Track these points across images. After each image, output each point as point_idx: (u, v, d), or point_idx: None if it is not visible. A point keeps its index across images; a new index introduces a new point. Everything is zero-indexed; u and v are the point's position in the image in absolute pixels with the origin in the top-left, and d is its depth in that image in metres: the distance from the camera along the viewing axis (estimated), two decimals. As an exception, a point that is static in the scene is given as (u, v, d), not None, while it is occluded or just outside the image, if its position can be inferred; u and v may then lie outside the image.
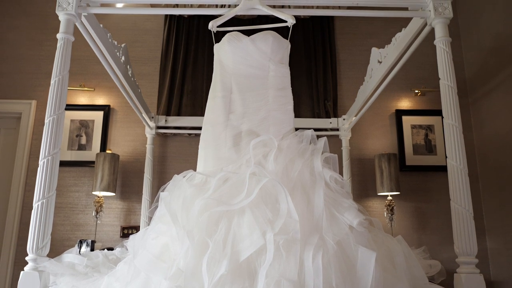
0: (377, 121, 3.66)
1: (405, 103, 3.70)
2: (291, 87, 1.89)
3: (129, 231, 3.31)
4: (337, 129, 3.51)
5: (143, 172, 3.33)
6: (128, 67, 2.61)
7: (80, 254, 1.68)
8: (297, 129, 1.77)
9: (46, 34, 3.70)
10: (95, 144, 3.48)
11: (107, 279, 1.35)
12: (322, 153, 1.57)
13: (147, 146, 3.37)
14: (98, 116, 3.54)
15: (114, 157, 3.23)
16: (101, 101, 3.60)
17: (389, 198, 3.28)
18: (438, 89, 1.77)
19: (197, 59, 3.67)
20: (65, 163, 3.40)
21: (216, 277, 1.11)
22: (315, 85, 3.63)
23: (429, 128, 3.62)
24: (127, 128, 3.56)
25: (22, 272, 1.47)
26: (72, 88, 3.53)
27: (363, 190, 3.50)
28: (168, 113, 3.49)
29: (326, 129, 3.50)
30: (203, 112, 2.04)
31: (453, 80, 1.72)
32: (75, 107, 3.53)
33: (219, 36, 2.04)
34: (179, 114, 3.51)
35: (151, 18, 3.80)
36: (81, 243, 2.95)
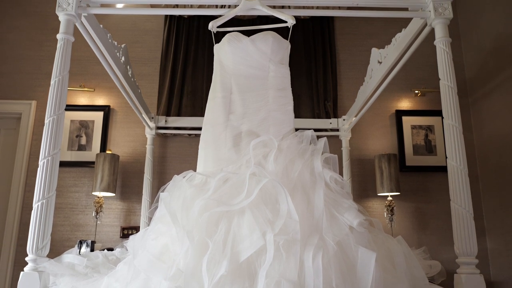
0: (377, 121, 3.66)
1: (405, 104, 3.70)
2: (291, 88, 1.89)
3: (129, 231, 3.31)
4: (337, 130, 3.51)
5: (143, 173, 3.33)
6: (128, 67, 2.61)
7: (80, 255, 1.68)
8: (297, 130, 1.77)
9: (46, 35, 3.70)
10: (95, 144, 3.48)
11: (107, 280, 1.35)
12: (322, 154, 1.57)
13: (147, 146, 3.37)
14: (98, 116, 3.54)
15: (114, 157, 3.23)
16: (101, 101, 3.60)
17: (389, 198, 3.28)
18: (438, 89, 1.77)
19: (197, 59, 3.67)
20: (65, 164, 3.40)
21: (216, 277, 1.11)
22: (315, 86, 3.63)
23: (429, 129, 3.62)
24: (127, 129, 3.56)
25: (22, 273, 1.47)
26: (72, 88, 3.53)
27: (363, 190, 3.50)
28: (168, 114, 3.49)
29: (326, 130, 3.50)
30: (203, 113, 2.04)
31: (453, 81, 1.72)
32: (75, 107, 3.53)
33: (219, 36, 2.04)
34: (179, 114, 3.51)
35: (151, 18, 3.80)
36: (81, 243, 2.95)
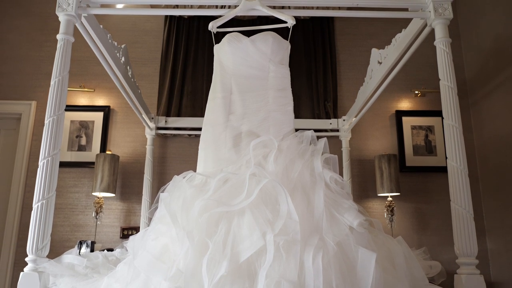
0: (377, 122, 3.66)
1: (405, 104, 3.70)
2: (291, 88, 1.89)
3: (129, 232, 3.31)
4: (337, 130, 3.51)
5: (143, 173, 3.33)
6: (128, 68, 2.61)
7: (80, 255, 1.68)
8: (297, 130, 1.77)
9: (46, 35, 3.70)
10: (95, 145, 3.48)
11: (106, 280, 1.35)
12: (322, 154, 1.56)
13: (147, 147, 3.36)
14: (98, 117, 3.54)
15: (114, 158, 3.22)
16: (101, 102, 3.60)
17: (389, 199, 3.28)
18: (438, 90, 1.77)
19: (197, 60, 3.67)
20: (65, 164, 3.40)
21: (216, 278, 1.10)
22: (315, 86, 3.63)
23: (429, 129, 3.62)
24: (127, 129, 3.56)
25: (21, 273, 1.47)
26: (72, 89, 3.53)
27: (363, 191, 3.50)
28: (168, 114, 3.49)
29: (326, 130, 3.50)
30: (203, 113, 2.04)
31: (453, 81, 1.72)
32: (75, 108, 3.53)
33: (219, 37, 2.04)
34: (179, 115, 3.51)
35: (151, 19, 3.80)
36: (81, 244, 2.94)
